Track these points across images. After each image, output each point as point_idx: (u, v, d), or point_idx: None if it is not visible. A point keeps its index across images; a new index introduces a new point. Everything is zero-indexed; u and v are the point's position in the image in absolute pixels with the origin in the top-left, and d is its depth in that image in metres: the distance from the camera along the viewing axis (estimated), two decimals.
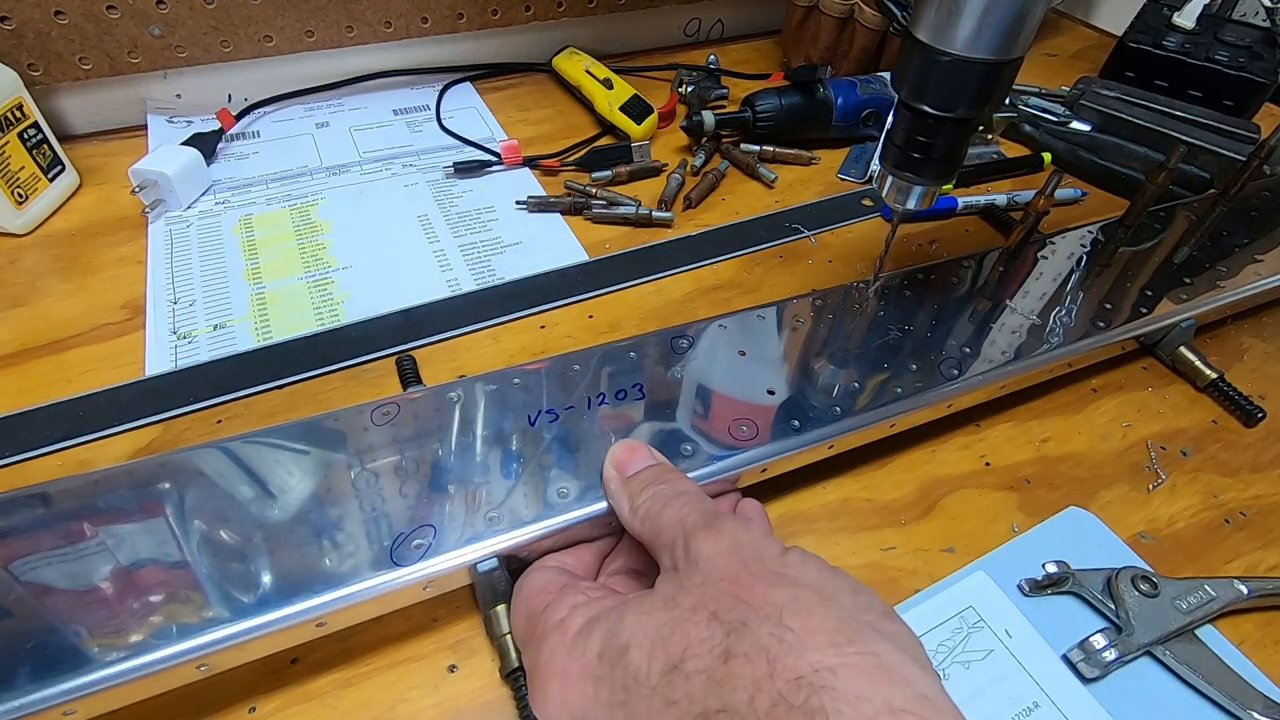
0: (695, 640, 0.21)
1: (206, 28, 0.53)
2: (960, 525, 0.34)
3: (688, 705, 0.20)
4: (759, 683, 0.19)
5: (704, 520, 0.24)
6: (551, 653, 0.24)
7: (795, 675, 0.19)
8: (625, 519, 0.27)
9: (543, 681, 0.23)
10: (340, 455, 0.30)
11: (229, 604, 0.25)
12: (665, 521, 0.25)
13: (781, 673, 0.19)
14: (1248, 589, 0.31)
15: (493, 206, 0.51)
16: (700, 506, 0.25)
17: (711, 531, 0.24)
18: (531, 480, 0.30)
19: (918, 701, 0.18)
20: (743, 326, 0.38)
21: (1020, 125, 0.60)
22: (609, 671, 0.22)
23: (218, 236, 0.47)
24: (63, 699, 0.23)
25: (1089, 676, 0.29)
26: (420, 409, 0.32)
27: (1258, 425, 0.39)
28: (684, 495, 0.26)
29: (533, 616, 0.25)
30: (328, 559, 0.26)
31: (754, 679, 0.19)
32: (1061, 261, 0.43)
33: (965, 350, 0.37)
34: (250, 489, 0.29)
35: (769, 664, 0.19)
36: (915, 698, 0.19)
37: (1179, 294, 0.42)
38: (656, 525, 0.25)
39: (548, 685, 0.23)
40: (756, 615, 0.21)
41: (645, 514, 0.26)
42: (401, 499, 0.29)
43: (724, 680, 0.20)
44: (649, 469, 0.28)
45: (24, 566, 0.26)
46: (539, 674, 0.24)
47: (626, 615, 0.23)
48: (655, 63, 0.68)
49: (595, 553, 0.30)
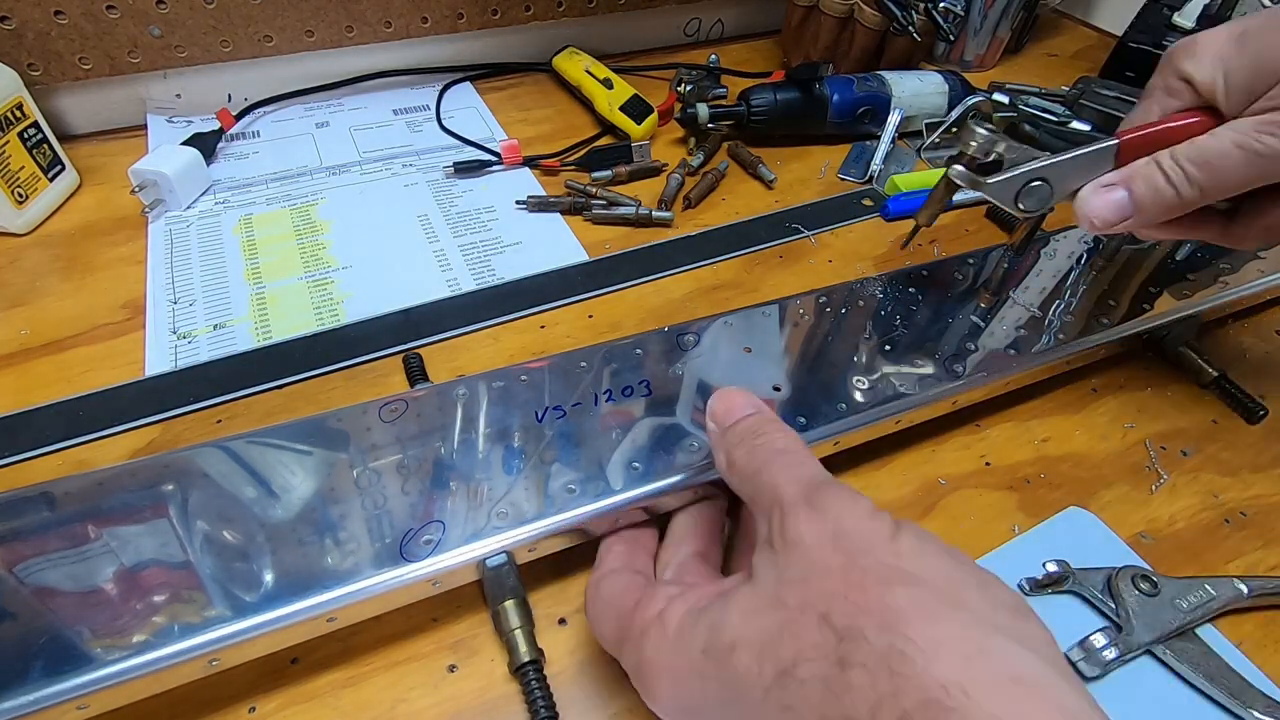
0: (807, 645, 0.19)
1: (206, 28, 0.53)
2: (960, 525, 0.34)
3: (804, 711, 0.19)
4: (882, 699, 0.17)
5: (802, 494, 0.22)
6: (655, 650, 0.22)
7: (922, 696, 0.17)
8: (722, 470, 0.26)
9: (652, 679, 0.22)
10: (349, 452, 0.30)
11: (240, 600, 0.25)
12: (762, 485, 0.24)
13: (907, 691, 0.17)
14: (1248, 588, 0.31)
15: (493, 206, 0.51)
16: (798, 472, 0.23)
17: (811, 511, 0.22)
18: (538, 476, 0.30)
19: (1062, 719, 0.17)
20: (748, 323, 0.38)
21: (1020, 125, 0.60)
22: (716, 670, 0.21)
23: (217, 236, 0.47)
24: (77, 694, 0.23)
25: (1089, 675, 0.29)
26: (427, 406, 0.32)
27: (1260, 423, 0.39)
28: (783, 455, 0.24)
29: (623, 616, 0.24)
30: (337, 555, 0.27)
31: (877, 694, 0.18)
32: (1064, 259, 0.43)
33: (970, 347, 0.37)
34: (260, 488, 0.29)
35: (891, 679, 0.17)
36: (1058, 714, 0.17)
37: (1182, 290, 0.42)
38: (754, 486, 0.24)
39: (659, 682, 0.22)
40: (872, 623, 0.19)
41: (742, 471, 0.25)
42: (409, 495, 0.29)
43: (842, 691, 0.18)
44: (747, 419, 0.26)
45: (37, 566, 0.26)
46: (645, 672, 0.23)
47: (730, 611, 0.21)
48: (655, 62, 0.68)
49: (644, 549, 0.29)
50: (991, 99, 0.60)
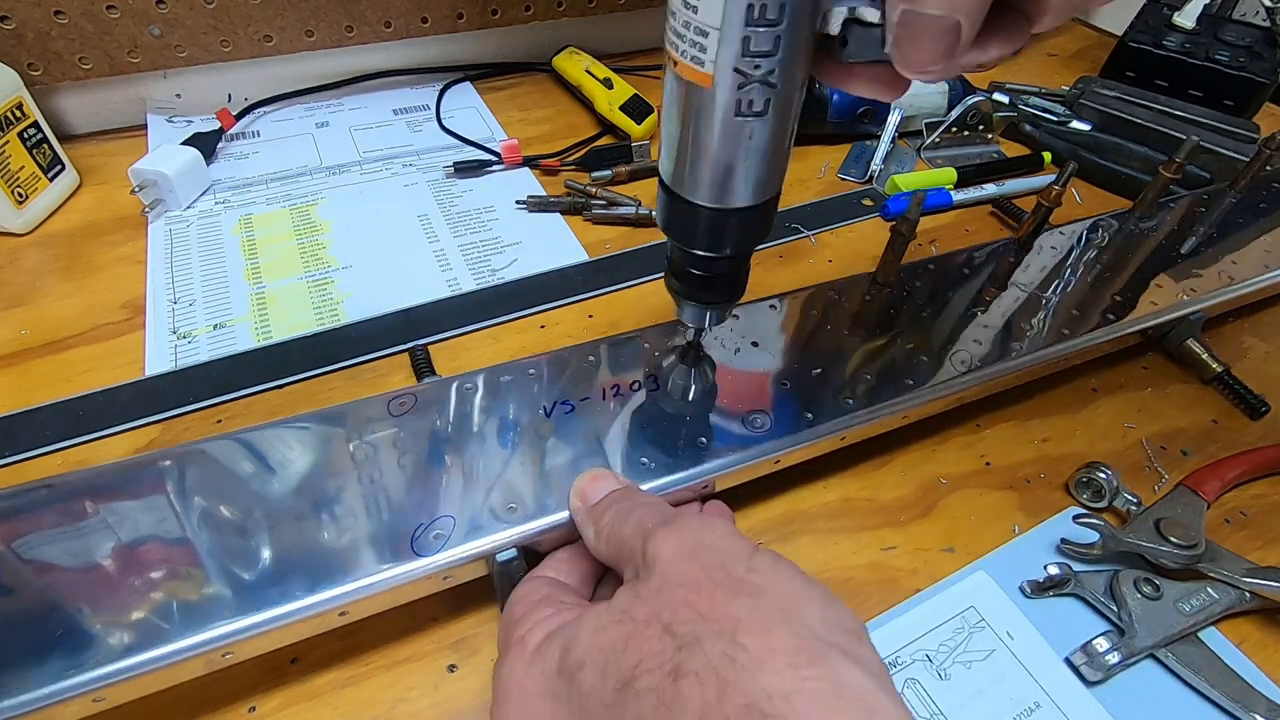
0: (647, 654, 0.20)
1: (206, 27, 0.53)
2: (960, 525, 0.34)
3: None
4: (708, 707, 0.18)
5: (665, 521, 0.24)
6: (509, 670, 0.23)
7: (746, 701, 0.17)
8: (592, 546, 0.27)
9: (500, 701, 0.23)
10: (358, 446, 0.30)
11: (254, 593, 0.25)
12: (626, 535, 0.24)
13: (731, 696, 0.18)
14: (1249, 591, 0.31)
15: (493, 206, 0.51)
16: (661, 512, 0.25)
17: (672, 529, 0.23)
18: (547, 470, 0.30)
19: None
20: (755, 318, 0.38)
21: (1020, 125, 0.60)
22: (566, 689, 0.21)
23: (217, 236, 0.47)
24: (94, 685, 0.23)
25: (1092, 680, 0.29)
26: (436, 399, 0.32)
27: (1262, 419, 0.39)
28: (645, 506, 0.25)
29: (507, 626, 0.25)
30: (348, 550, 0.27)
31: (703, 702, 0.18)
32: (1069, 254, 0.43)
33: (976, 342, 0.37)
34: (269, 482, 0.29)
35: (719, 686, 0.18)
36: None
37: (1188, 286, 0.42)
38: (618, 539, 0.25)
39: (505, 706, 0.22)
40: (710, 630, 0.19)
41: (608, 534, 0.25)
42: (419, 490, 0.29)
43: (673, 702, 0.18)
44: (613, 493, 0.27)
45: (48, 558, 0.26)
46: (497, 693, 0.23)
47: (582, 629, 0.22)
48: (655, 62, 0.68)
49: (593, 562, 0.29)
50: (991, 99, 0.60)
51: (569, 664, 0.21)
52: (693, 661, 0.19)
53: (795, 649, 0.19)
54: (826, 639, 0.19)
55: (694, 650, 0.19)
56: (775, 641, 0.19)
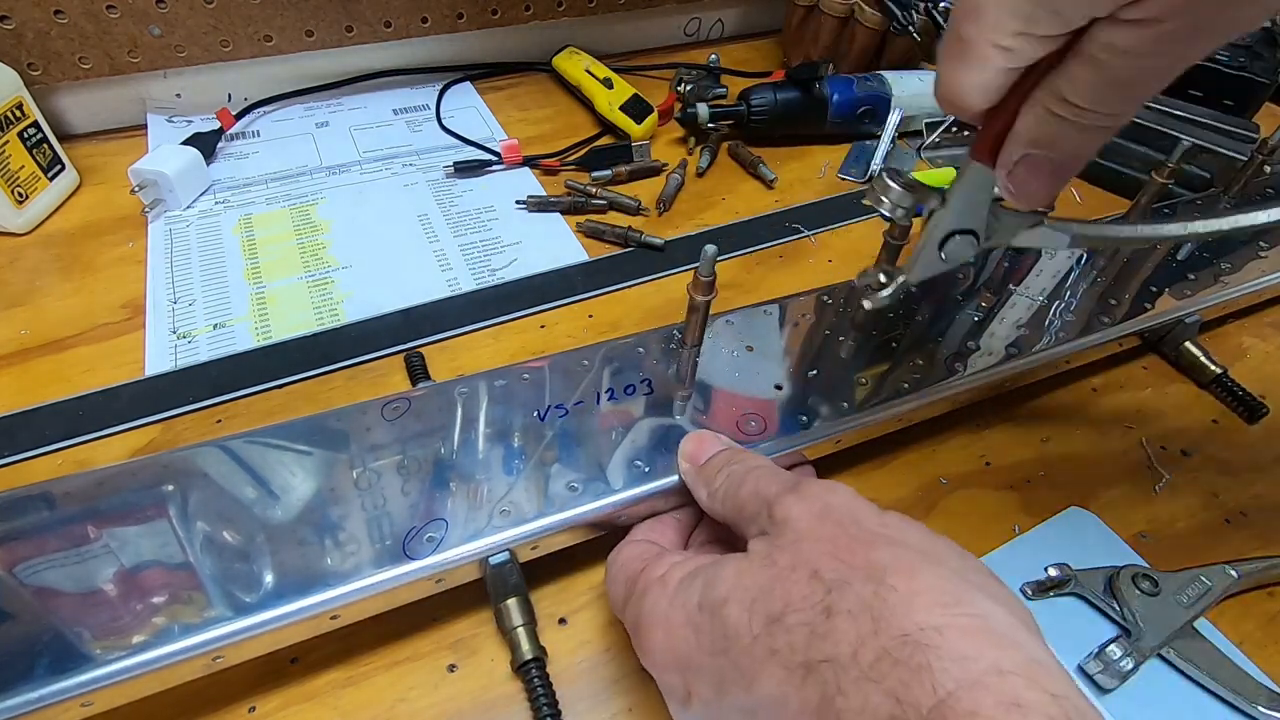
0: (797, 597, 0.21)
1: (206, 27, 0.53)
2: (961, 525, 0.34)
3: (789, 655, 0.20)
4: (863, 638, 0.19)
5: (785, 487, 0.24)
6: (654, 604, 0.24)
7: (901, 633, 0.18)
8: (705, 504, 0.28)
9: (647, 631, 0.24)
10: (351, 451, 0.30)
11: (244, 598, 0.25)
12: (744, 497, 0.25)
13: (886, 630, 0.19)
14: (1237, 572, 0.32)
15: (493, 206, 0.51)
16: (779, 476, 0.25)
17: (797, 495, 0.24)
18: (541, 474, 0.30)
19: (1027, 665, 0.18)
20: (749, 322, 0.38)
21: None
22: (709, 621, 0.22)
23: (217, 236, 0.47)
24: (81, 690, 0.23)
25: (1108, 688, 0.29)
26: (429, 404, 0.32)
27: (1260, 421, 0.39)
28: (759, 469, 0.26)
29: (631, 579, 0.26)
30: (340, 553, 0.27)
31: (858, 634, 0.19)
32: (1065, 258, 0.43)
33: (971, 345, 0.37)
34: (262, 487, 0.29)
35: (873, 621, 0.19)
36: (1025, 661, 0.18)
37: (1183, 289, 0.42)
38: (736, 502, 0.26)
39: (652, 634, 0.23)
40: (859, 575, 0.20)
41: (724, 495, 0.26)
42: (412, 494, 0.29)
43: (827, 634, 0.19)
44: (720, 453, 0.28)
45: (39, 565, 0.26)
46: (643, 624, 0.24)
47: (724, 570, 0.23)
48: (655, 62, 0.68)
49: (678, 529, 0.30)
50: None
51: (711, 599, 0.22)
52: (845, 601, 0.20)
53: (941, 589, 0.20)
54: (967, 578, 0.20)
55: (844, 591, 0.20)
56: (921, 583, 0.20)
